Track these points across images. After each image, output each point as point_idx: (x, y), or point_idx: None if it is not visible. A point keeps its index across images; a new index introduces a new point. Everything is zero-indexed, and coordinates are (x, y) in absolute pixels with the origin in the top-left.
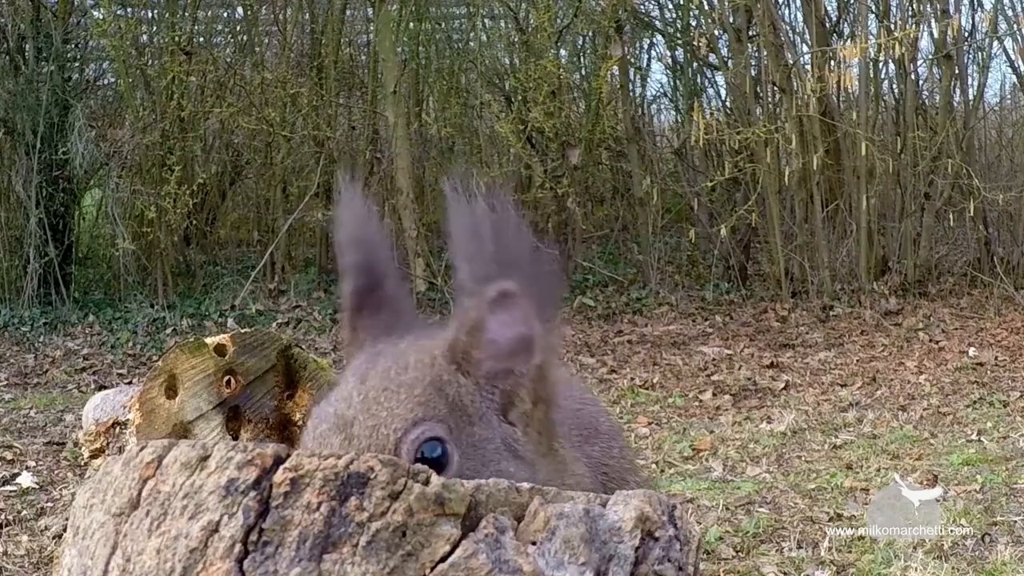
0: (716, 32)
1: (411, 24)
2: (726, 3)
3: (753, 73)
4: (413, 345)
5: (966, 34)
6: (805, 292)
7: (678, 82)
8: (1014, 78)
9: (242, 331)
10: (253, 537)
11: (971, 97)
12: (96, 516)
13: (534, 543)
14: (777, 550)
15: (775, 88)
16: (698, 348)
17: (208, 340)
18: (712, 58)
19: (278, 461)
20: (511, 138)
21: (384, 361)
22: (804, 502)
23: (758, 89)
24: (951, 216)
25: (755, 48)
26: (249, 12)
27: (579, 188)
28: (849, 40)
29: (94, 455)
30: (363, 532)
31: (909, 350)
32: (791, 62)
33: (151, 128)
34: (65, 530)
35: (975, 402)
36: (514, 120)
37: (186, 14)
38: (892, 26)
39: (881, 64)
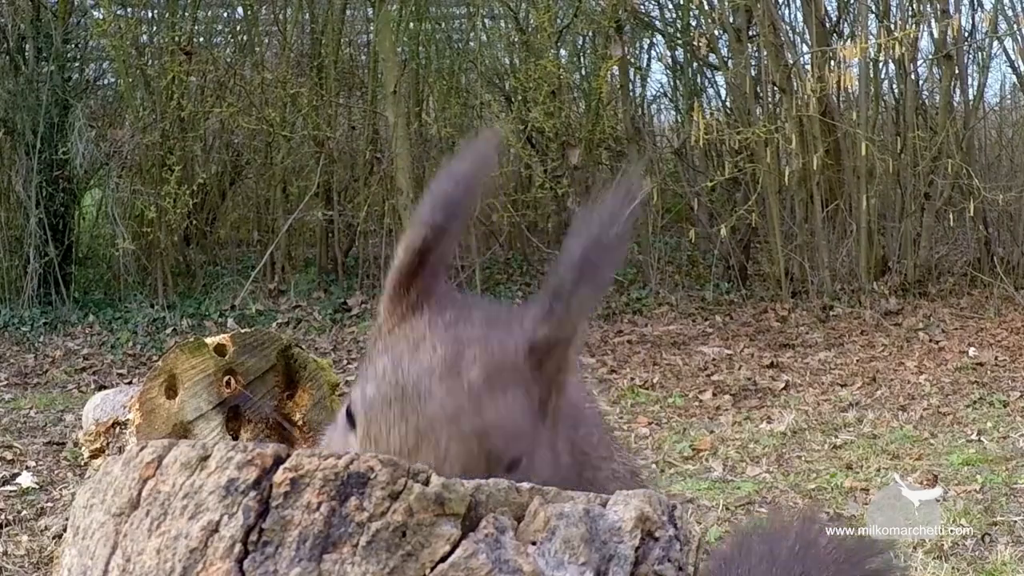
0: (716, 32)
1: (411, 24)
2: (726, 3)
3: (753, 73)
4: (494, 334)
5: (966, 34)
6: (805, 292)
7: (678, 82)
8: (1014, 78)
9: (242, 331)
10: (253, 537)
11: (971, 97)
12: (96, 516)
13: (534, 543)
14: None
15: (775, 88)
16: (698, 348)
17: (208, 340)
18: (712, 58)
19: (278, 461)
20: (511, 138)
21: (473, 349)
22: (804, 502)
23: (758, 89)
24: (951, 216)
25: (755, 48)
26: (249, 12)
27: (579, 188)
28: (849, 40)
29: (94, 455)
30: (363, 532)
31: (909, 350)
32: (791, 62)
33: (151, 128)
34: (65, 530)
35: (975, 402)
36: (514, 120)
37: (186, 14)
38: (892, 26)
39: (881, 64)
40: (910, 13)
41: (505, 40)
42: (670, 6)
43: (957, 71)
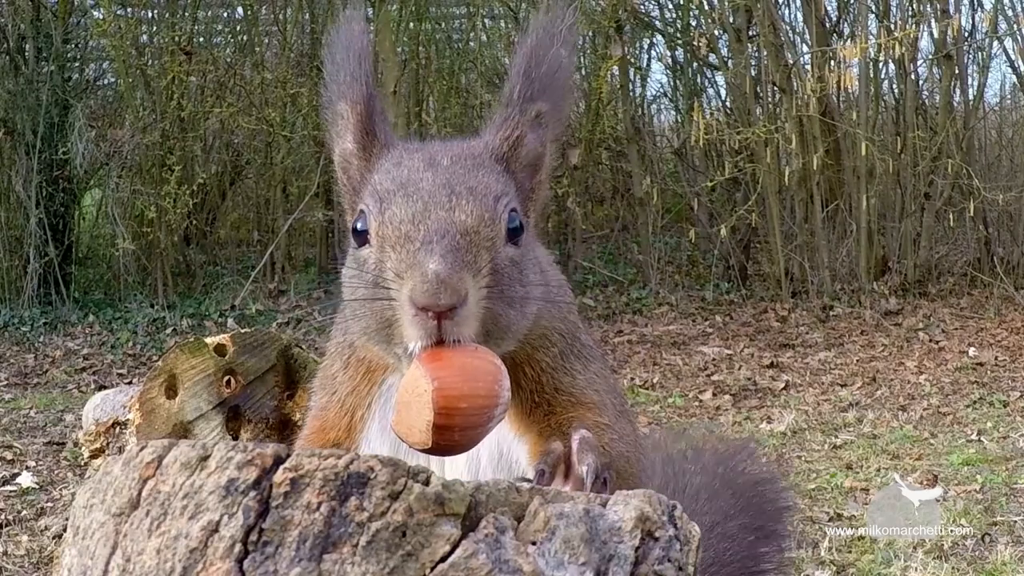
0: (716, 32)
1: (411, 24)
2: (726, 3)
3: (753, 73)
4: (456, 145)
5: (966, 34)
6: (805, 292)
7: (678, 82)
8: (1014, 78)
9: (242, 331)
10: (253, 537)
11: (971, 97)
12: (96, 516)
13: (534, 543)
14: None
15: (775, 88)
16: (698, 348)
17: (208, 340)
18: (712, 58)
19: (278, 461)
20: None
21: (444, 153)
22: (804, 502)
23: (758, 89)
24: (951, 216)
25: (755, 48)
26: (249, 12)
27: (579, 188)
28: (849, 40)
29: (94, 455)
30: (363, 532)
31: (909, 350)
32: (791, 62)
33: (151, 128)
34: (65, 530)
35: (975, 402)
36: None
37: (186, 14)
38: (892, 26)
39: (881, 64)
40: (910, 13)
41: (505, 40)
42: (670, 6)
43: (957, 71)
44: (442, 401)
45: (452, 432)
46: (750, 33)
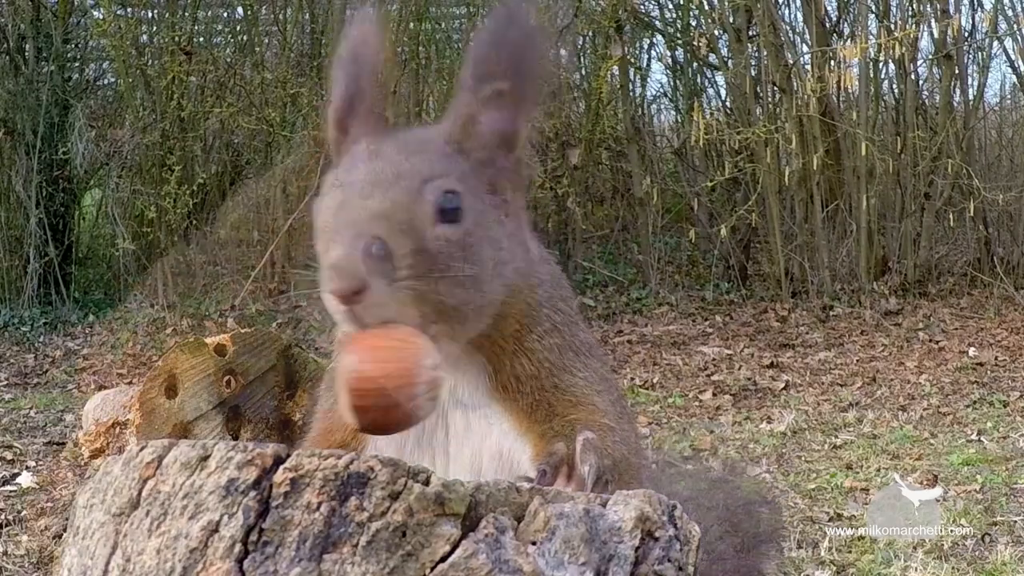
0: (716, 32)
1: (411, 24)
2: (726, 3)
3: (753, 73)
4: (414, 133)
5: (966, 34)
6: (805, 292)
7: (678, 82)
8: (1014, 78)
9: (242, 331)
10: (253, 537)
11: (971, 97)
12: (96, 516)
13: (534, 543)
14: (777, 550)
15: (775, 88)
16: (698, 348)
17: (208, 340)
18: (712, 58)
19: (278, 461)
20: None
21: (393, 143)
22: (804, 502)
23: (758, 89)
24: (951, 216)
25: (755, 48)
26: (249, 12)
27: (579, 188)
28: (849, 40)
29: (94, 455)
30: (363, 532)
31: (909, 350)
32: (791, 62)
33: (151, 128)
34: (65, 530)
35: (975, 402)
36: None
37: (186, 14)
38: (892, 26)
39: (881, 64)
40: (910, 13)
41: None
42: (670, 6)
43: (957, 71)
44: (353, 383)
45: (371, 412)
46: (750, 33)
